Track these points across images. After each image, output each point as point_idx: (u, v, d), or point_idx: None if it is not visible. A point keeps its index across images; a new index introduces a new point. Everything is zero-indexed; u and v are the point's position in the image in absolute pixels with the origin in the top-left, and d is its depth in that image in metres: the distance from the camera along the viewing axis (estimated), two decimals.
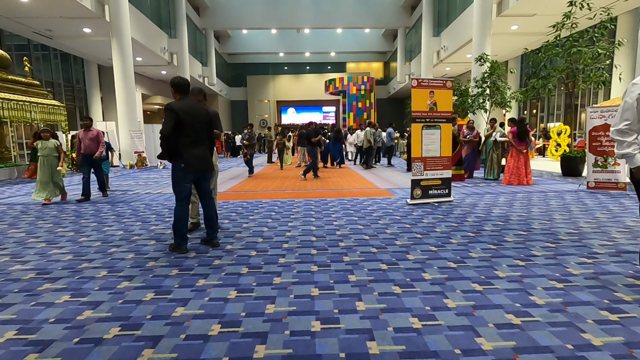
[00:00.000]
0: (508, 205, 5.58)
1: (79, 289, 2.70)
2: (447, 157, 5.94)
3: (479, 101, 12.92)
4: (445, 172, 5.95)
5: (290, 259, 3.29)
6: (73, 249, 3.71)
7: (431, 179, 5.86)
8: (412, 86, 5.61)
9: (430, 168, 5.83)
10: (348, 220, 4.75)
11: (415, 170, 5.76)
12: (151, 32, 16.97)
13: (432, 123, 5.77)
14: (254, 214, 5.26)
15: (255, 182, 9.19)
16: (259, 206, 5.88)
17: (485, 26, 14.17)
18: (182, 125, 3.33)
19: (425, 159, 5.79)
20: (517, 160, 7.75)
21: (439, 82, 5.75)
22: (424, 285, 2.67)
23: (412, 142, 5.73)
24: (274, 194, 7.09)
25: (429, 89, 5.69)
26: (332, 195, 6.81)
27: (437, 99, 5.75)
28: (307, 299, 2.48)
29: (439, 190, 5.93)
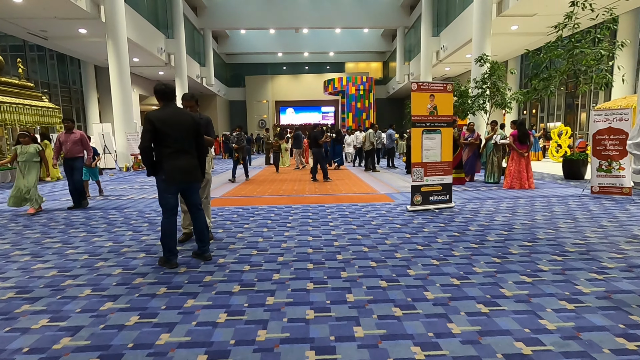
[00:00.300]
0: (511, 212, 5.42)
1: (59, 312, 2.53)
2: (447, 162, 5.77)
3: (479, 102, 12.76)
4: (446, 177, 5.78)
5: (285, 275, 3.12)
6: (58, 263, 3.54)
7: (432, 184, 5.70)
8: (412, 90, 5.44)
9: (430, 174, 5.67)
10: (346, 230, 4.58)
11: (416, 176, 5.60)
12: (148, 33, 16.77)
13: (432, 127, 5.60)
14: (249, 222, 5.09)
15: (251, 186, 9.02)
16: (254, 213, 5.71)
17: (485, 26, 14.00)
18: (161, 136, 3.14)
19: (425, 164, 5.62)
20: (519, 164, 7.58)
21: (439, 85, 5.59)
22: (426, 307, 2.51)
23: (412, 147, 5.56)
24: (270, 200, 6.93)
25: (429, 93, 5.53)
26: (330, 201, 6.64)
27: (437, 102, 5.58)
28: (301, 323, 2.32)
29: (439, 196, 5.77)
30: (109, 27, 12.93)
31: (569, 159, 8.90)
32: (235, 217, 5.42)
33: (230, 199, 7.15)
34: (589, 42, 8.19)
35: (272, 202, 6.60)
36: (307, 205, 6.28)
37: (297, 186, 8.74)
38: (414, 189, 5.61)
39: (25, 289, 2.92)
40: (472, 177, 9.00)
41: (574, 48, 8.26)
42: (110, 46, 13.12)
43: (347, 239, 4.19)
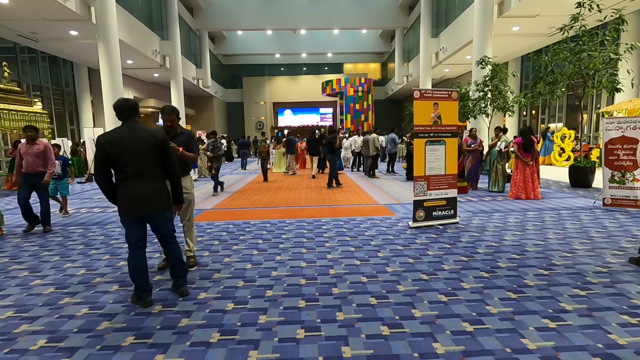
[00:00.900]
0: (520, 229, 5.02)
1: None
2: (452, 174, 5.37)
3: (480, 105, 12.39)
4: (450, 191, 5.38)
5: (272, 317, 2.72)
6: (19, 299, 3.12)
7: (435, 199, 5.30)
8: (414, 98, 5.04)
9: (434, 187, 5.27)
10: (343, 252, 4.18)
11: (418, 190, 5.19)
12: (141, 34, 16.33)
13: (436, 138, 5.20)
14: (239, 242, 4.69)
15: (245, 195, 8.61)
16: (245, 230, 5.30)
17: (487, 27, 13.61)
18: (113, 160, 2.73)
19: (428, 177, 5.22)
20: (524, 173, 7.19)
21: (443, 92, 5.18)
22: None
23: (415, 159, 5.16)
24: (263, 213, 6.52)
25: (433, 101, 5.12)
26: (327, 214, 6.24)
27: (441, 111, 5.18)
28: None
29: (443, 211, 5.37)
30: (100, 28, 12.50)
31: (576, 167, 8.51)
32: (224, 236, 5.01)
33: (221, 211, 6.74)
34: (596, 45, 7.81)
35: (265, 216, 6.19)
36: (302, 219, 5.87)
37: (293, 195, 8.33)
38: (416, 204, 5.21)
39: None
40: (475, 185, 8.61)
41: (581, 51, 7.88)
42: (101, 48, 12.69)
43: (344, 265, 3.79)
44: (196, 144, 3.81)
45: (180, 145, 3.56)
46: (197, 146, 3.81)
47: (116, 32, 12.85)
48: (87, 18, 12.41)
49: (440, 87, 17.42)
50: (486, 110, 12.40)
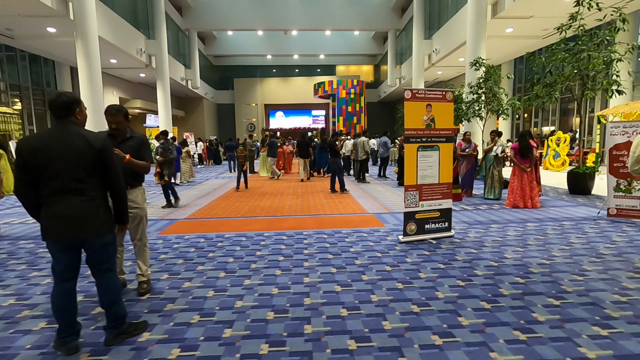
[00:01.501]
0: (522, 244, 4.51)
1: None
2: (446, 184, 4.85)
3: (474, 108, 11.94)
4: (444, 201, 4.86)
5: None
6: None
7: (428, 210, 4.76)
8: (405, 98, 4.50)
9: (426, 198, 4.74)
10: (323, 275, 3.62)
11: (409, 201, 4.66)
12: (125, 33, 15.65)
13: (429, 143, 4.68)
14: (206, 261, 4.10)
15: (226, 203, 8.01)
16: (217, 245, 4.72)
17: (480, 28, 13.19)
18: (34, 171, 2.17)
19: (420, 187, 4.69)
20: (521, 180, 6.70)
21: (437, 93, 4.66)
22: None
23: (406, 166, 4.63)
24: (241, 223, 5.93)
25: (426, 102, 4.60)
26: (310, 225, 5.67)
27: (435, 113, 4.66)
28: None
29: (437, 223, 4.84)
30: (78, 25, 11.82)
31: (575, 172, 8.06)
32: (191, 253, 4.41)
33: (196, 222, 6.14)
34: (595, 45, 7.37)
35: (242, 227, 5.61)
36: (282, 232, 5.30)
37: (277, 202, 7.76)
38: (407, 216, 4.67)
39: None
40: (470, 191, 8.11)
41: (580, 51, 7.44)
42: (79, 46, 12.00)
43: (323, 291, 3.23)
44: (149, 150, 3.23)
45: (129, 152, 2.99)
46: (149, 153, 3.22)
47: (95, 29, 12.19)
48: (65, 14, 11.74)
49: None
50: (480, 113, 11.95)
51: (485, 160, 7.72)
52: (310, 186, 10.40)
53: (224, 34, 29.22)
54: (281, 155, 12.21)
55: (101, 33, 13.43)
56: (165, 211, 7.01)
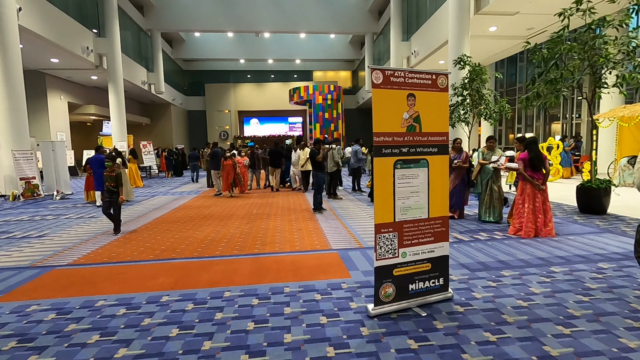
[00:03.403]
0: (563, 315, 2.77)
1: None
2: (441, 218, 3.07)
3: (459, 112, 10.40)
4: (439, 246, 3.07)
5: None
6: None
7: (413, 262, 2.97)
8: (373, 85, 2.72)
9: (410, 242, 2.94)
10: None
11: (383, 249, 2.85)
12: (66, 28, 13.47)
13: (412, 156, 2.90)
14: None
15: (149, 233, 6.02)
16: (63, 330, 2.77)
17: (463, 25, 11.75)
18: None
19: (400, 225, 2.89)
20: (533, 201, 5.03)
21: (424, 76, 2.90)
22: None
23: (376, 193, 2.83)
24: (143, 273, 3.99)
25: (407, 90, 2.83)
26: (241, 277, 3.79)
27: (421, 108, 2.89)
28: None
29: (427, 281, 3.04)
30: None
31: (587, 188, 6.50)
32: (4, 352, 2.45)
33: (79, 271, 4.15)
34: (612, 27, 5.88)
35: (138, 283, 3.67)
36: (192, 292, 3.40)
37: (217, 231, 5.84)
38: (380, 274, 2.86)
39: None
40: (460, 212, 6.41)
41: (594, 39, 5.91)
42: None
43: None
44: None
45: None
46: None
47: (14, 18, 10.03)
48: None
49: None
50: (466, 117, 10.42)
51: (481, 173, 6.03)
52: (271, 203, 8.51)
53: (193, 37, 27.15)
54: (228, 170, 9.47)
55: (31, 26, 11.28)
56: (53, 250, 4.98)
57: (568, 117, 16.52)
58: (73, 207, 8.63)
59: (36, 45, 12.81)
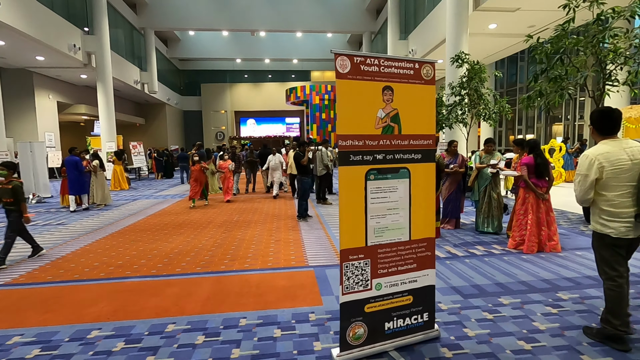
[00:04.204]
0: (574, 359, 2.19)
1: None
2: (425, 240, 2.48)
3: (456, 112, 9.82)
4: (422, 274, 2.49)
5: None
6: None
7: (390, 295, 2.39)
8: (338, 74, 2.14)
9: (387, 270, 2.36)
10: None
11: (351, 281, 2.27)
12: (51, 25, 12.93)
13: (390, 164, 2.32)
14: None
15: (112, 244, 5.45)
16: None
17: (461, 22, 11.18)
18: None
19: (374, 250, 2.31)
20: (537, 212, 4.44)
21: (405, 65, 2.32)
22: None
23: (342, 208, 2.25)
24: (82, 299, 3.42)
25: (382, 82, 2.25)
26: (194, 305, 3.22)
27: (400, 105, 2.31)
28: None
29: (408, 317, 2.46)
30: None
31: None
32: None
33: (14, 292, 3.58)
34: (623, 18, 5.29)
35: (71, 312, 3.10)
36: (130, 324, 2.82)
37: (186, 242, 5.26)
38: (347, 311, 2.28)
39: None
40: (457, 222, 5.81)
41: (602, 31, 5.33)
42: None
43: None
44: None
45: None
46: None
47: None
48: None
49: None
50: (464, 118, 9.84)
51: (478, 179, 5.44)
52: (256, 209, 7.94)
53: (189, 36, 26.59)
54: (195, 176, 8.31)
55: (11, 22, 10.73)
56: None
57: (570, 118, 15.91)
58: (45, 213, 8.07)
59: (19, 42, 12.28)
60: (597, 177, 2.29)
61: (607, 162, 2.26)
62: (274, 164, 9.52)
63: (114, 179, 11.93)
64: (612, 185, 2.28)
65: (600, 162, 2.27)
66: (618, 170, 2.24)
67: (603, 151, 2.30)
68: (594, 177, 2.29)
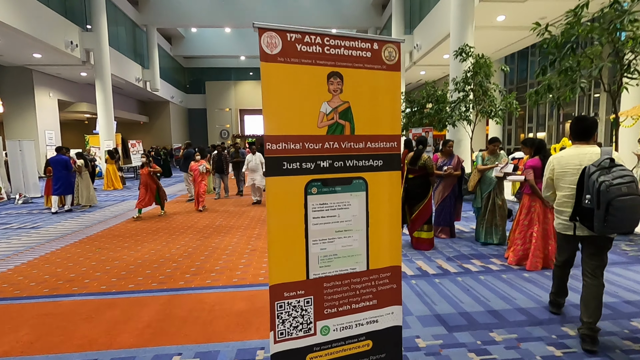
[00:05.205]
0: None
1: None
2: (391, 268, 1.93)
3: (460, 109, 9.17)
4: (384, 312, 1.94)
5: None
6: None
7: (341, 341, 1.85)
8: (264, 57, 1.61)
9: (337, 309, 1.83)
10: None
11: (288, 324, 1.75)
12: (47, 21, 12.67)
13: (339, 174, 1.78)
14: None
15: (78, 251, 5.03)
16: None
17: (467, 13, 10.47)
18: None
19: (319, 284, 1.78)
20: (543, 222, 3.84)
21: (359, 44, 1.77)
22: None
23: (270, 232, 1.72)
24: (15, 320, 2.97)
25: (328, 66, 1.71)
26: (133, 334, 2.74)
27: (353, 96, 1.77)
28: None
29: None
30: None
31: None
32: None
33: None
34: None
35: None
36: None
37: (156, 250, 4.81)
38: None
39: None
40: (451, 231, 5.21)
41: (622, 15, 4.65)
42: None
43: None
44: None
45: None
46: None
47: None
48: None
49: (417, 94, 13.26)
50: (468, 115, 9.18)
51: (481, 183, 4.83)
52: (243, 213, 7.48)
53: (193, 33, 26.28)
54: (144, 180, 6.99)
55: (4, 18, 10.47)
56: None
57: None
58: (27, 214, 7.74)
59: (14, 39, 12.04)
60: (549, 176, 2.58)
61: (558, 165, 2.53)
62: (253, 165, 8.29)
63: (107, 178, 11.62)
64: (560, 185, 2.54)
65: (553, 164, 2.57)
66: (564, 172, 2.48)
67: (561, 155, 2.55)
68: (548, 176, 2.59)
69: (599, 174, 2.16)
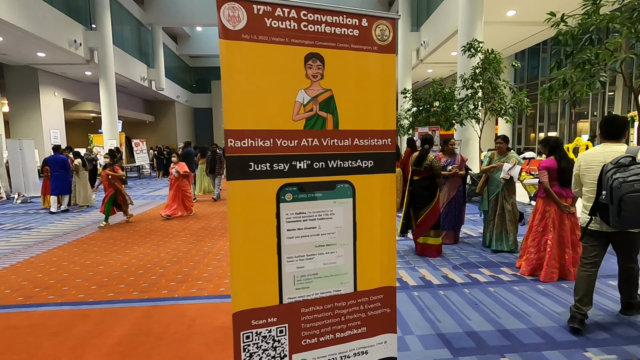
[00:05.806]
0: None
1: None
2: (384, 289, 1.62)
3: (468, 107, 8.77)
4: (375, 341, 1.63)
5: None
6: None
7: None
8: (225, 33, 1.31)
9: (318, 339, 1.52)
10: None
11: (258, 358, 1.44)
12: (50, 20, 12.57)
13: (319, 177, 1.46)
14: None
15: (65, 254, 4.81)
16: None
17: (476, 9, 10.06)
18: None
19: (295, 310, 1.47)
20: (559, 229, 3.48)
21: (343, 20, 1.46)
22: None
23: (233, 247, 1.41)
24: None
25: (305, 46, 1.40)
26: (99, 355, 2.47)
27: (336, 83, 1.45)
28: None
29: None
30: None
31: None
32: None
33: None
34: None
35: None
36: None
37: (144, 254, 4.55)
38: None
39: None
40: (456, 236, 4.86)
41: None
42: None
43: None
44: None
45: None
46: None
47: None
48: None
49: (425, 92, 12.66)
50: (476, 113, 8.78)
51: (488, 185, 4.48)
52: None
53: (198, 32, 26.16)
54: (103, 183, 6.43)
55: (6, 17, 10.36)
56: None
57: (598, 115, 14.44)
58: (23, 214, 7.59)
59: (17, 38, 11.95)
60: (576, 172, 2.62)
61: (584, 161, 2.55)
62: None
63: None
64: (585, 182, 2.55)
65: (580, 161, 2.59)
66: (588, 168, 2.50)
67: (588, 152, 2.58)
68: (575, 172, 2.63)
69: (614, 171, 2.21)
